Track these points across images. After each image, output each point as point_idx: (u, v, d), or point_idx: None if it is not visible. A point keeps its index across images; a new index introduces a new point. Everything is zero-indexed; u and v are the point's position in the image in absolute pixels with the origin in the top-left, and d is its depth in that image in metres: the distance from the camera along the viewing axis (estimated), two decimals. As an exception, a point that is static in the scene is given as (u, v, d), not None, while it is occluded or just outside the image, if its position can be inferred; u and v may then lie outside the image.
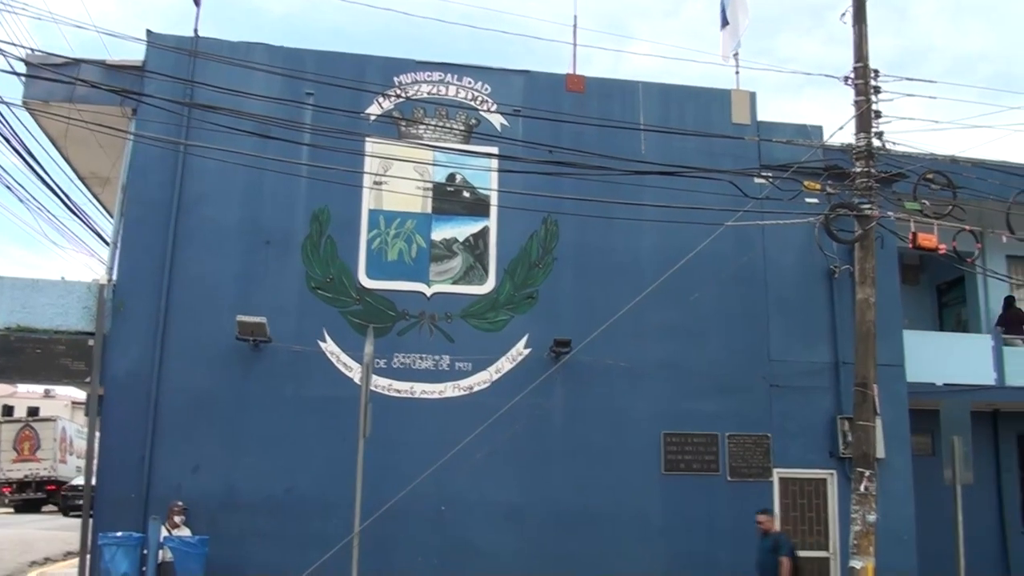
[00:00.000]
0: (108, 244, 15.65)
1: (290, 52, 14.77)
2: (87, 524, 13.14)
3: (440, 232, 14.73)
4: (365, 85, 14.50)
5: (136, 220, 14.03)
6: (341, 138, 13.18)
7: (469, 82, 15.24)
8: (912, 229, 12.60)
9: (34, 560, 18.77)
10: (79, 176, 17.44)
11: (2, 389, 56.76)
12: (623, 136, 14.92)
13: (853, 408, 12.22)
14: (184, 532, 12.79)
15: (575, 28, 16.15)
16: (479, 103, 15.16)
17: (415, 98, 14.99)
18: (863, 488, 11.66)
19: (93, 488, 13.52)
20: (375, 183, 14.54)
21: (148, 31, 14.19)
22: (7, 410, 57.88)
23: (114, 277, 13.97)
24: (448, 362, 14.32)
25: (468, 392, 14.25)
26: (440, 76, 15.19)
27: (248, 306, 13.63)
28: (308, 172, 13.84)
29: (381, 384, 13.86)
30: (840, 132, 15.84)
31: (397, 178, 14.32)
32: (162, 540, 12.53)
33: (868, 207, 12.20)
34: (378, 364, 13.59)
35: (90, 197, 18.65)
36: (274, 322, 13.62)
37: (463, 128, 15.01)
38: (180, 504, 12.95)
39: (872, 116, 12.40)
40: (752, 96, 16.09)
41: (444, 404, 14.15)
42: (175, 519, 12.79)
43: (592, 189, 13.94)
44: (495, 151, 14.61)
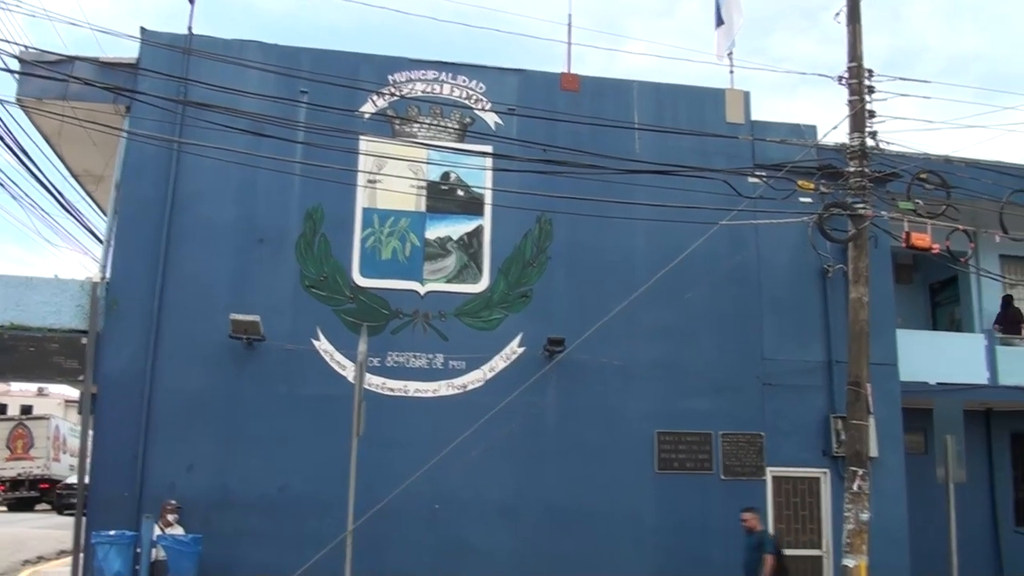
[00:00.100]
0: (102, 242, 15.65)
1: (284, 50, 14.76)
2: (80, 523, 13.13)
3: (434, 231, 14.73)
4: (359, 83, 14.50)
5: (130, 218, 14.01)
6: (335, 136, 13.18)
7: (463, 80, 15.23)
8: (906, 228, 12.62)
9: (27, 559, 18.71)
10: (73, 174, 17.41)
11: (-5, 388, 56.67)
12: (617, 135, 14.91)
13: (846, 407, 12.22)
14: (177, 531, 12.78)
15: (570, 27, 16.19)
16: (473, 102, 15.16)
17: (409, 96, 14.99)
18: (856, 487, 11.66)
19: (86, 487, 13.49)
20: (369, 181, 14.53)
21: (142, 29, 14.18)
22: (0, 408, 57.74)
23: (108, 275, 13.98)
24: (442, 361, 14.32)
25: (462, 391, 14.25)
26: (434, 74, 15.19)
27: (242, 304, 13.62)
28: (302, 170, 13.82)
29: (375, 383, 13.86)
30: (834, 132, 15.98)
31: (391, 176, 14.31)
32: (155, 539, 12.51)
33: (862, 206, 12.21)
34: (372, 363, 13.58)
35: (84, 195, 18.62)
36: (268, 320, 13.61)
37: (457, 127, 15.00)
38: (173, 503, 12.94)
39: (866, 116, 12.39)
40: (746, 95, 16.11)
41: (438, 403, 14.15)
42: (168, 518, 12.78)
43: (586, 188, 13.93)
44: (489, 150, 14.59)
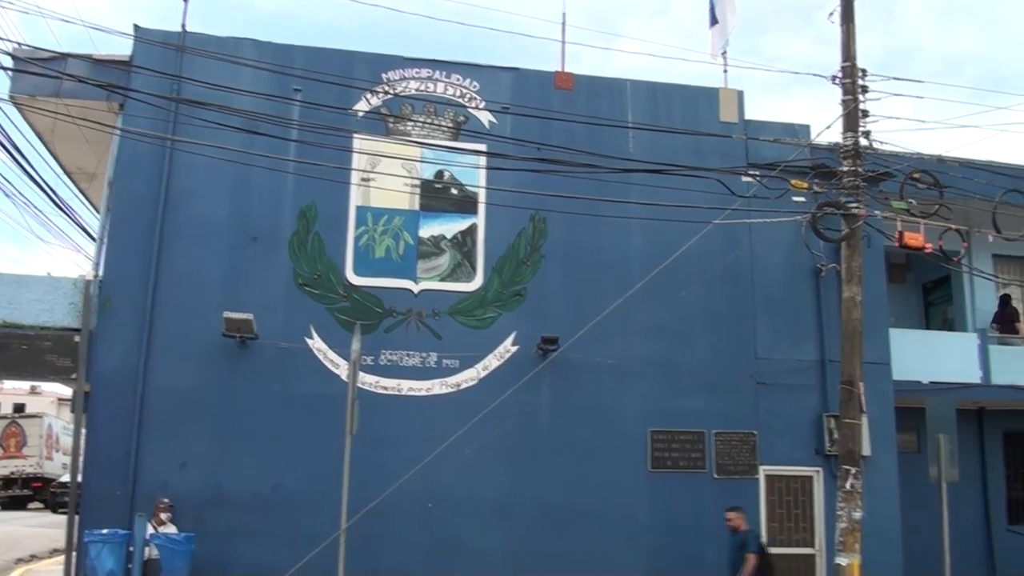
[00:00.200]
0: (95, 240, 15.59)
1: (278, 48, 14.72)
2: (73, 521, 13.10)
3: (428, 229, 14.71)
4: (353, 81, 14.47)
5: (123, 216, 13.98)
6: (329, 134, 13.13)
7: (457, 79, 15.22)
8: (899, 228, 12.65)
9: (20, 557, 18.67)
10: (66, 171, 17.35)
11: (-12, 385, 56.43)
12: (611, 134, 14.90)
13: (839, 406, 12.25)
14: (170, 529, 12.75)
15: (564, 26, 16.16)
16: (467, 100, 15.14)
17: (403, 95, 14.97)
18: (849, 485, 11.69)
19: (79, 485, 13.46)
20: (363, 180, 14.52)
21: (135, 26, 14.12)
22: (-7, 406, 57.55)
23: (100, 273, 13.92)
24: (435, 359, 14.31)
25: (455, 389, 14.24)
26: (428, 73, 15.17)
27: (235, 302, 13.59)
28: (296, 168, 13.81)
29: (368, 381, 13.84)
30: (827, 131, 15.86)
31: (385, 175, 14.30)
32: (148, 537, 12.49)
33: (855, 206, 12.24)
34: (365, 361, 13.57)
35: (77, 192, 18.57)
36: (261, 319, 13.59)
37: (451, 125, 14.99)
38: (166, 501, 12.91)
39: (859, 115, 12.42)
40: (740, 95, 16.11)
41: (431, 401, 14.14)
42: (161, 516, 12.76)
43: (580, 187, 13.91)
44: (483, 148, 14.54)
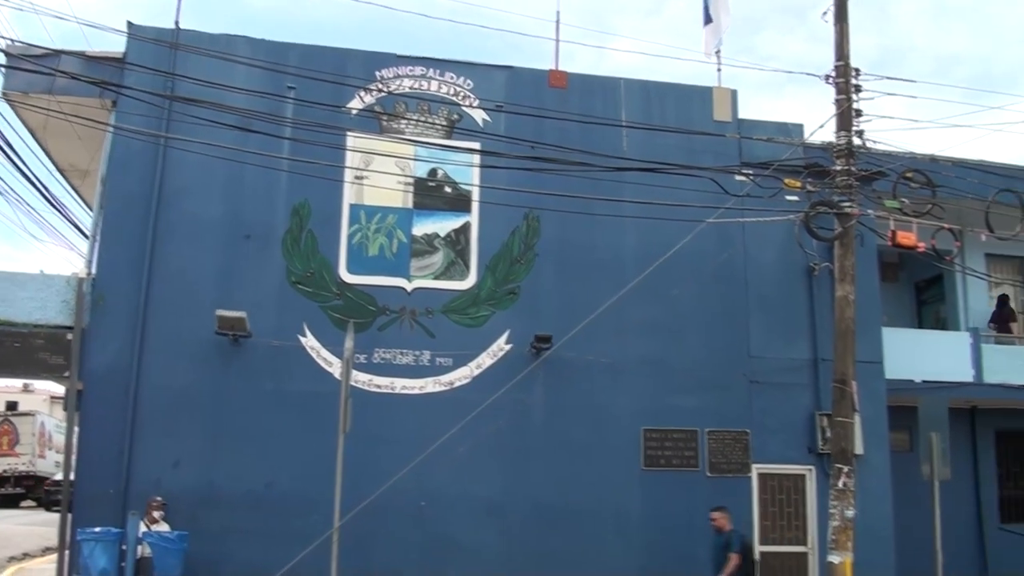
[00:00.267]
0: (87, 237, 15.56)
1: (272, 45, 14.69)
2: (66, 519, 13.07)
3: (421, 227, 14.70)
4: (347, 79, 14.44)
5: (116, 213, 13.94)
6: (322, 132, 13.13)
7: (451, 77, 15.21)
8: (892, 227, 12.66)
9: (12, 555, 18.64)
10: (58, 168, 17.32)
11: (-20, 383, 56.26)
12: (605, 132, 14.90)
13: (832, 404, 12.27)
14: (163, 528, 12.73)
15: (558, 24, 16.26)
16: (461, 98, 15.13)
17: (397, 93, 14.96)
18: (841, 484, 11.71)
19: (72, 483, 13.44)
20: (356, 178, 14.50)
21: (129, 23, 14.09)
22: (-15, 404, 57.38)
23: (93, 271, 13.89)
24: (429, 357, 14.30)
25: (449, 388, 14.24)
26: (422, 71, 15.16)
27: (228, 300, 13.56)
28: (289, 166, 13.80)
29: (361, 379, 13.83)
30: (821, 130, 16.04)
31: (378, 173, 14.30)
32: (141, 536, 12.46)
33: (848, 205, 12.25)
34: (358, 359, 13.56)
35: (69, 190, 18.53)
36: (254, 317, 13.56)
37: (445, 123, 14.97)
38: (159, 499, 12.89)
39: (853, 115, 12.42)
40: (734, 94, 16.13)
41: (425, 400, 14.13)
42: (154, 514, 12.74)
43: (574, 185, 13.88)
44: (477, 146, 14.49)
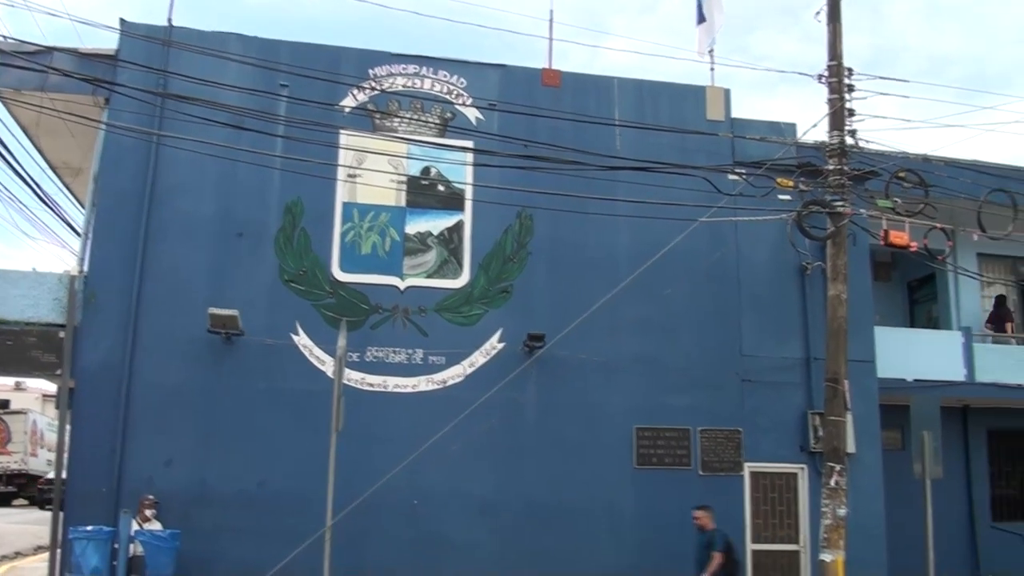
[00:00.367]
0: (80, 235, 15.52)
1: (265, 43, 14.66)
2: (58, 518, 13.04)
3: (414, 226, 14.69)
4: (340, 77, 14.41)
5: (108, 211, 13.90)
6: (315, 130, 13.11)
7: (444, 75, 15.20)
8: (884, 226, 12.69)
9: (4, 554, 18.61)
10: (51, 166, 17.27)
11: (-28, 382, 56.05)
12: (598, 131, 14.89)
13: (824, 403, 12.28)
14: (155, 526, 12.70)
15: (551, 23, 16.12)
16: (454, 97, 15.12)
17: (390, 91, 14.94)
18: (833, 482, 11.74)
19: (64, 482, 13.40)
20: (349, 176, 14.48)
21: (121, 20, 14.06)
22: (-23, 403, 57.18)
23: (86, 268, 13.83)
24: (421, 356, 14.29)
25: (442, 386, 14.23)
26: (415, 69, 15.14)
27: (220, 299, 13.54)
28: (282, 164, 13.78)
29: (354, 378, 13.80)
30: (814, 130, 15.87)
31: (371, 171, 14.29)
32: (133, 534, 12.41)
33: (840, 204, 12.28)
34: (351, 358, 13.54)
35: (62, 187, 18.47)
36: (246, 315, 13.54)
37: (438, 121, 14.96)
38: (151, 498, 12.86)
39: (845, 114, 12.45)
40: (727, 93, 16.15)
41: (417, 398, 14.13)
42: (146, 513, 12.71)
43: (567, 184, 13.86)
44: (470, 145, 14.50)
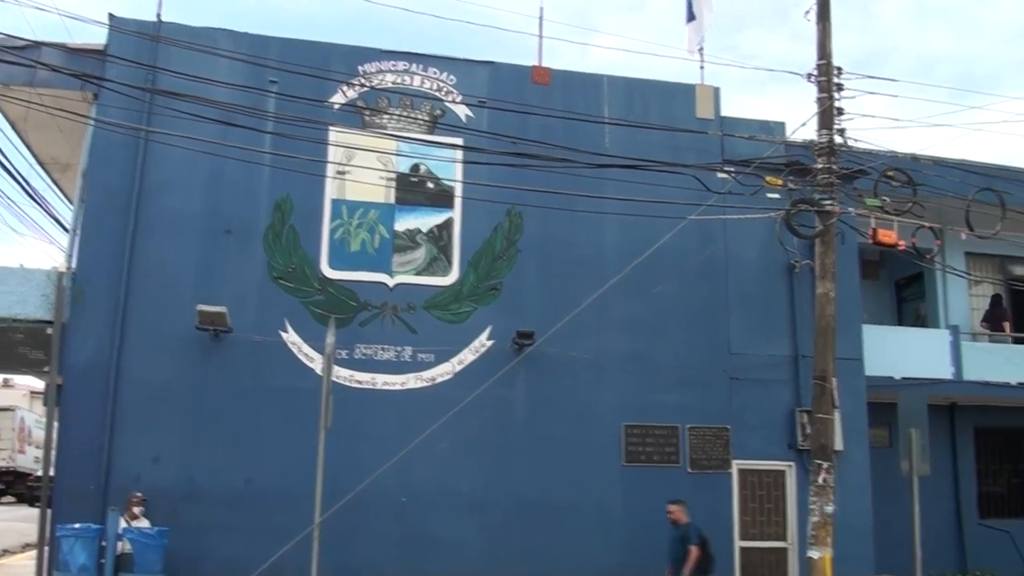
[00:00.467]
0: (68, 231, 15.45)
1: (254, 39, 14.62)
2: (45, 515, 13.00)
3: (403, 223, 14.67)
4: (329, 74, 14.37)
5: (96, 207, 13.84)
6: (304, 127, 13.07)
7: (434, 72, 15.18)
8: (872, 225, 12.69)
9: (-9, 552, 18.56)
10: (39, 161, 17.18)
11: (-40, 378, 55.78)
12: (587, 129, 14.87)
13: (812, 401, 12.32)
14: (143, 524, 12.66)
15: (541, 20, 16.07)
16: (444, 94, 15.10)
17: (379, 87, 14.91)
18: (821, 480, 11.78)
19: (51, 479, 13.36)
20: (338, 173, 14.45)
21: (110, 15, 13.96)
22: (-35, 400, 56.90)
23: (73, 265, 13.77)
24: (410, 353, 14.28)
25: (430, 383, 14.22)
26: (405, 66, 15.11)
27: (209, 295, 13.51)
28: (271, 161, 13.71)
29: (343, 375, 13.79)
30: (803, 128, 15.91)
31: (360, 168, 14.25)
32: (121, 532, 12.36)
33: (829, 203, 12.30)
34: (340, 355, 13.50)
35: (50, 183, 18.40)
36: (235, 312, 13.51)
37: (427, 118, 14.94)
38: (139, 495, 12.82)
39: (834, 113, 12.47)
40: (716, 91, 16.15)
41: (406, 395, 14.11)
42: (134, 510, 12.66)
43: (556, 181, 13.85)
44: (459, 142, 14.49)
